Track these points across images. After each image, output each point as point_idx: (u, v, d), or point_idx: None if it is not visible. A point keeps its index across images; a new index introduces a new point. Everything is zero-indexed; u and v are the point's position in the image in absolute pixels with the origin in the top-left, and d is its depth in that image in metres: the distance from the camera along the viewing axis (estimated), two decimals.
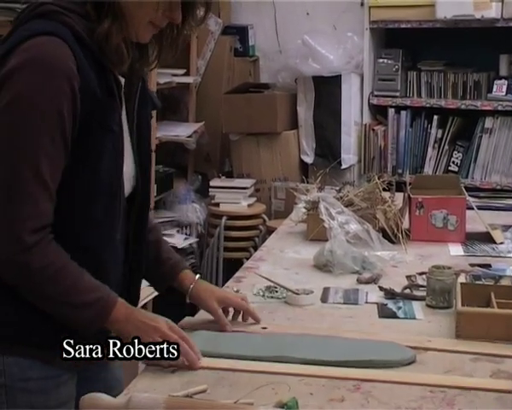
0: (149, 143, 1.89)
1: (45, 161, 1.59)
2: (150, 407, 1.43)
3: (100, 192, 1.70)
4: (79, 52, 1.62)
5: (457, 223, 2.79)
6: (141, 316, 1.73)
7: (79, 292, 1.66)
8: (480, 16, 4.55)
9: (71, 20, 1.63)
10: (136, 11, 1.66)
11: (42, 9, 1.65)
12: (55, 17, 1.63)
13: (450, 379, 1.68)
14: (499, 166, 4.73)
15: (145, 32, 1.71)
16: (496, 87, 4.69)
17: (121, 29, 1.66)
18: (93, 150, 1.67)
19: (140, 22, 1.68)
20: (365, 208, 2.75)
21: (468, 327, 1.88)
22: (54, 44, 1.59)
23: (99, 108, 1.65)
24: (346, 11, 5.10)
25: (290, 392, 1.54)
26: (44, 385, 1.70)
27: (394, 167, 4.92)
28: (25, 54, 1.58)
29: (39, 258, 1.61)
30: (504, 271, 2.41)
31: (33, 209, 1.59)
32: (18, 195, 1.58)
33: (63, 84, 1.59)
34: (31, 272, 1.61)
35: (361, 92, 4.97)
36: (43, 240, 1.61)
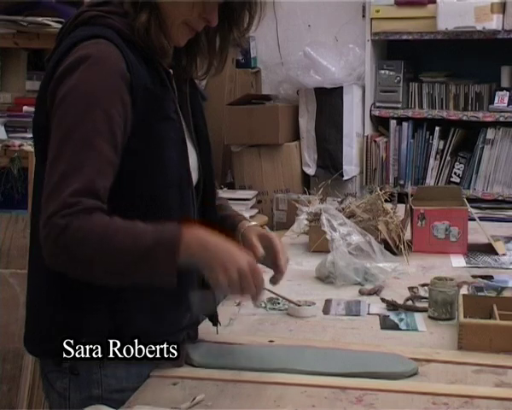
0: (207, 133, 1.90)
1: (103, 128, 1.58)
2: None
3: (173, 182, 1.70)
4: (127, 50, 1.64)
5: (459, 234, 2.79)
6: (219, 242, 1.62)
7: (138, 240, 1.56)
8: (481, 28, 4.56)
9: (113, 21, 1.67)
10: (171, 9, 1.69)
11: (83, 17, 1.69)
12: (97, 21, 1.67)
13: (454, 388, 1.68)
14: (501, 178, 4.73)
15: (180, 32, 1.73)
16: (497, 98, 4.70)
17: (159, 23, 1.68)
18: (157, 140, 1.68)
19: (174, 22, 1.70)
20: (367, 220, 2.75)
21: (470, 339, 1.88)
22: (102, 46, 1.63)
23: (154, 99, 1.67)
24: (348, 23, 5.12)
25: (292, 404, 1.54)
26: None
27: (396, 179, 4.92)
28: (75, 57, 1.61)
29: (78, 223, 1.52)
30: (507, 282, 2.41)
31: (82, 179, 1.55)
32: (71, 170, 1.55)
33: (115, 82, 1.61)
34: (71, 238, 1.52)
35: (363, 104, 4.98)
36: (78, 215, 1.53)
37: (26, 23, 3.66)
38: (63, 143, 1.58)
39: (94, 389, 1.70)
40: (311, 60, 4.88)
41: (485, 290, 2.30)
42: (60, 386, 1.74)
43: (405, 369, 1.76)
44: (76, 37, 1.65)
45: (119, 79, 1.62)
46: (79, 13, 1.72)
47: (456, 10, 4.58)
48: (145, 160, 1.68)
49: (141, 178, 1.69)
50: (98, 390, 1.70)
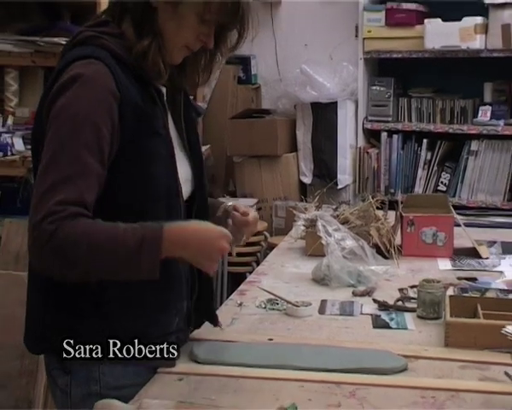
0: (200, 147, 1.90)
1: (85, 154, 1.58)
2: None
3: (160, 195, 1.70)
4: (118, 70, 1.64)
5: (446, 239, 2.79)
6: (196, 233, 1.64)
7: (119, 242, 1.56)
8: (465, 47, 4.57)
9: (107, 42, 1.67)
10: (173, 35, 1.69)
11: (80, 37, 1.70)
12: (92, 42, 1.67)
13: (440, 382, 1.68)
14: (484, 186, 4.73)
15: (179, 54, 1.73)
16: (481, 113, 4.71)
17: (159, 48, 1.68)
18: (146, 154, 1.67)
19: (175, 46, 1.71)
20: (360, 226, 2.75)
21: (456, 337, 1.88)
22: (93, 66, 1.63)
23: (143, 116, 1.67)
24: (342, 42, 5.12)
25: (290, 398, 1.53)
26: (135, 392, 1.64)
27: (387, 187, 4.92)
28: (67, 76, 1.61)
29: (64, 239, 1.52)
30: (490, 284, 2.40)
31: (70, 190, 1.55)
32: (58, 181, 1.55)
33: (104, 100, 1.61)
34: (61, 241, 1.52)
35: (355, 117, 4.98)
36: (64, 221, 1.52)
37: (43, 43, 3.67)
38: (54, 156, 1.58)
39: (93, 386, 1.70)
40: (308, 76, 4.89)
41: (469, 291, 2.30)
42: (62, 383, 1.74)
43: (396, 365, 1.76)
44: (72, 56, 1.66)
45: (108, 96, 1.62)
46: (78, 33, 1.73)
47: (442, 31, 4.59)
48: (134, 173, 1.67)
49: (130, 191, 1.68)
50: (97, 387, 1.69)
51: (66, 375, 1.72)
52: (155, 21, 1.68)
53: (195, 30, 1.69)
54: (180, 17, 1.67)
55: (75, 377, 1.71)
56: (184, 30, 1.69)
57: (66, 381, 1.73)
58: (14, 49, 3.70)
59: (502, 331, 1.68)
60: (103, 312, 1.68)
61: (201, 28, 1.70)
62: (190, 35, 1.70)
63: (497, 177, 4.72)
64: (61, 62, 1.69)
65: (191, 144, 1.85)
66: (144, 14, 1.68)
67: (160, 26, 1.68)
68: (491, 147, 4.73)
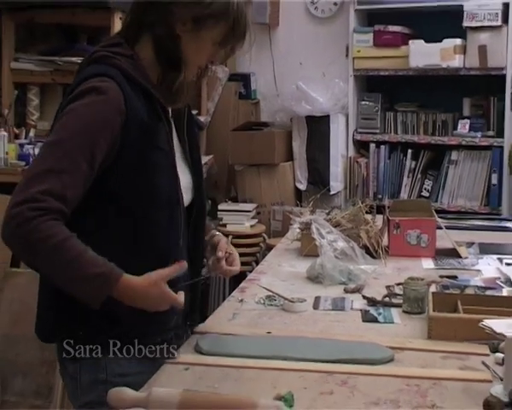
0: (200, 159, 1.89)
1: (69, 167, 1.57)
2: (167, 399, 1.42)
3: (162, 203, 1.70)
4: (127, 87, 1.65)
5: (429, 241, 2.79)
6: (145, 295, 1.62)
7: (82, 265, 1.55)
8: (446, 66, 4.57)
9: (119, 62, 1.67)
10: (192, 58, 1.71)
11: (95, 56, 1.71)
12: (105, 61, 1.68)
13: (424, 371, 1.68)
14: (464, 192, 4.73)
15: (193, 73, 1.75)
16: (460, 125, 4.71)
17: (184, 75, 1.70)
18: (149, 166, 1.68)
19: (192, 66, 1.73)
20: (350, 229, 2.75)
21: (438, 330, 1.88)
22: (104, 83, 1.63)
23: (148, 131, 1.67)
24: (333, 61, 5.12)
25: (287, 386, 1.53)
26: (139, 379, 1.64)
27: (375, 193, 4.91)
28: (80, 91, 1.63)
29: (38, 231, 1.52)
30: (469, 281, 2.40)
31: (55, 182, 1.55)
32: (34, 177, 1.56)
33: (109, 114, 1.62)
34: (30, 244, 1.53)
35: (346, 130, 4.97)
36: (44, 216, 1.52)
37: (62, 62, 3.67)
38: (49, 148, 1.60)
39: (100, 373, 1.70)
40: (303, 92, 4.89)
41: (450, 288, 2.30)
42: (72, 370, 1.75)
43: (383, 356, 1.75)
44: (86, 73, 1.67)
45: (114, 111, 1.62)
46: (93, 52, 1.74)
47: (425, 51, 4.60)
48: (139, 182, 1.68)
49: (134, 198, 1.68)
50: (103, 374, 1.70)
51: (76, 363, 1.72)
52: (179, 48, 1.69)
53: (209, 52, 1.72)
54: (199, 43, 1.70)
55: (84, 365, 1.72)
56: (201, 53, 1.72)
57: (75, 368, 1.73)
58: (35, 68, 3.71)
59: (480, 325, 1.68)
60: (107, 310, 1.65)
61: (214, 50, 1.72)
62: (205, 57, 1.73)
63: (474, 184, 4.71)
64: (76, 78, 1.70)
65: (192, 156, 1.85)
66: (169, 42, 1.69)
67: (183, 51, 1.69)
68: (469, 157, 4.73)
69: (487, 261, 2.71)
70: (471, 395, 1.55)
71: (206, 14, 1.68)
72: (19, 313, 3.03)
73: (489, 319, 1.69)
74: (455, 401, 1.53)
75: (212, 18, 1.68)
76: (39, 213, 1.52)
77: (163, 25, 1.69)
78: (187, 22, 1.68)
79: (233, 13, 1.69)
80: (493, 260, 2.73)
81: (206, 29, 1.69)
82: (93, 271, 1.55)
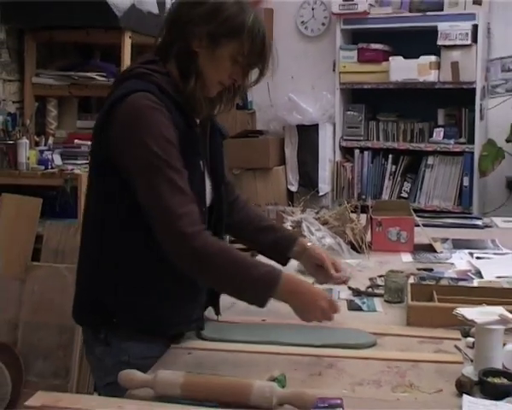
0: (222, 165, 1.84)
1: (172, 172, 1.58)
2: (172, 380, 1.41)
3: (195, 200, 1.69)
4: (166, 101, 1.63)
5: (407, 237, 2.78)
6: (305, 290, 1.65)
7: (248, 267, 1.59)
8: (422, 80, 4.58)
9: (156, 79, 1.65)
10: (211, 74, 1.67)
11: (135, 72, 1.69)
12: (144, 78, 1.65)
13: (403, 354, 1.67)
14: (439, 193, 4.75)
15: (214, 89, 1.71)
16: (435, 133, 4.72)
17: (201, 87, 1.67)
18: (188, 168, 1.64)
19: (212, 83, 1.69)
20: (337, 226, 2.74)
21: (416, 317, 1.87)
22: (146, 97, 1.60)
23: (185, 139, 1.65)
24: (322, 75, 5.12)
25: (279, 368, 1.52)
26: None
27: (359, 194, 4.92)
28: (128, 105, 1.60)
29: (201, 242, 1.56)
30: (443, 273, 2.40)
31: (184, 209, 1.57)
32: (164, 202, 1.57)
33: (160, 118, 1.60)
34: (199, 255, 1.56)
35: (333, 137, 4.98)
36: (200, 230, 1.57)
37: (78, 77, 3.67)
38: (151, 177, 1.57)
39: (123, 356, 1.68)
40: (294, 103, 4.89)
41: (427, 280, 2.29)
42: (98, 352, 1.73)
43: (367, 341, 1.75)
44: (129, 87, 1.63)
45: (167, 120, 1.61)
46: (133, 68, 1.72)
47: (403, 66, 4.61)
48: None
49: None
50: (126, 357, 1.68)
51: (101, 346, 1.71)
52: (197, 63, 1.66)
53: (229, 70, 1.67)
54: (217, 59, 1.65)
55: (109, 348, 1.70)
56: (220, 70, 1.67)
57: (102, 351, 1.72)
58: (54, 83, 3.71)
59: (453, 312, 1.67)
60: (145, 301, 1.68)
61: (234, 68, 1.68)
62: (224, 74, 1.68)
63: (448, 186, 4.72)
64: (117, 89, 1.67)
65: (213, 163, 1.81)
66: (187, 57, 1.66)
67: (201, 67, 1.66)
68: (443, 161, 4.74)
69: (460, 255, 2.70)
70: (445, 375, 1.54)
71: (221, 31, 1.63)
72: (39, 302, 3.03)
73: (461, 307, 1.68)
74: (430, 380, 1.52)
75: (226, 35, 1.64)
76: (199, 229, 1.58)
77: (182, 42, 1.66)
78: (203, 39, 1.64)
79: (247, 31, 1.64)
80: (465, 254, 2.72)
81: (222, 46, 1.64)
82: (259, 270, 1.59)
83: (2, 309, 3.07)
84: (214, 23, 1.64)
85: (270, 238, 1.95)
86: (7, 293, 3.08)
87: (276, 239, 1.95)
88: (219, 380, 1.44)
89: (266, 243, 1.97)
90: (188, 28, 1.65)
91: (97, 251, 1.71)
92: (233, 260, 1.59)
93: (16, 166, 3.31)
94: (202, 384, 1.41)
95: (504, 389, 1.42)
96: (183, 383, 1.40)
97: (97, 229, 1.71)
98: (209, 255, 1.57)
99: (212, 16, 1.64)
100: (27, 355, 3.00)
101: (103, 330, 1.70)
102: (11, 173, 3.30)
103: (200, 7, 1.65)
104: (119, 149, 1.62)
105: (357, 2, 4.71)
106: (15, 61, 3.66)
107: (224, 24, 1.64)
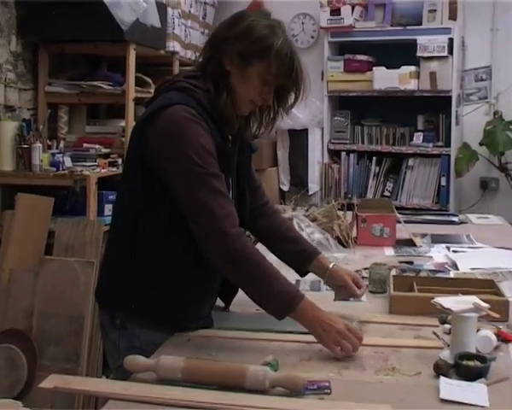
0: (245, 179, 1.83)
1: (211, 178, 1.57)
2: (173, 365, 1.41)
3: None
4: (204, 115, 1.62)
5: (390, 232, 2.79)
6: (325, 317, 1.58)
7: (277, 280, 1.57)
8: (403, 88, 4.58)
9: (197, 94, 1.64)
10: (243, 92, 1.65)
11: (178, 85, 1.67)
12: (186, 91, 1.64)
13: (385, 340, 1.68)
14: (418, 192, 4.75)
15: (246, 107, 1.69)
16: (415, 137, 4.73)
17: (232, 103, 1.65)
18: None
19: (243, 100, 1.67)
20: (325, 223, 2.74)
21: (397, 306, 1.88)
22: (186, 110, 1.59)
23: (221, 152, 1.64)
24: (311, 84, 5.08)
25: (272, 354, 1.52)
26: None
27: (345, 193, 4.91)
28: (168, 116, 1.59)
29: (241, 245, 1.56)
30: (422, 266, 2.40)
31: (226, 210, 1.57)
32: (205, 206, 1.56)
33: (199, 130, 1.59)
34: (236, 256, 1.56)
35: (322, 141, 4.97)
36: (241, 233, 1.58)
37: (87, 86, 3.66)
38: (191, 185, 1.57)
39: (135, 341, 1.68)
40: None
41: (407, 272, 2.30)
42: (113, 336, 1.72)
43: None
44: (170, 99, 1.63)
45: (204, 130, 1.60)
46: (176, 80, 1.70)
47: (386, 76, 4.61)
48: None
49: None
50: (138, 342, 1.67)
51: (116, 330, 1.71)
52: (228, 81, 1.65)
53: (259, 89, 1.66)
54: (247, 78, 1.64)
55: (123, 333, 1.70)
56: (250, 89, 1.65)
57: (116, 335, 1.71)
58: (65, 91, 3.70)
59: (431, 302, 1.68)
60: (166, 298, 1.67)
61: (263, 88, 1.66)
62: (255, 93, 1.66)
63: (427, 185, 4.73)
64: (159, 99, 1.66)
65: (239, 175, 1.80)
66: (220, 75, 1.65)
67: (233, 85, 1.65)
68: (423, 163, 4.74)
69: (437, 249, 2.71)
70: (424, 359, 1.54)
71: (251, 50, 1.62)
72: (51, 293, 3.02)
73: (439, 296, 1.68)
74: (410, 364, 1.52)
75: (256, 55, 1.62)
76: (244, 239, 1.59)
77: (216, 60, 1.66)
78: (234, 58, 1.63)
79: (275, 52, 1.62)
80: (442, 248, 2.73)
81: (252, 65, 1.63)
82: (286, 287, 1.59)
83: (18, 299, 3.07)
84: (245, 43, 1.62)
85: (291, 249, 1.92)
86: (22, 284, 3.07)
87: (297, 251, 1.91)
88: (217, 365, 1.44)
89: (288, 253, 1.93)
90: (222, 47, 1.65)
91: (131, 246, 1.68)
92: (264, 269, 1.58)
93: (30, 168, 3.30)
94: (201, 369, 1.41)
95: (477, 370, 1.43)
96: (183, 367, 1.40)
97: (133, 229, 1.68)
98: (245, 259, 1.56)
99: (244, 36, 1.63)
100: (41, 341, 2.99)
101: (119, 316, 1.70)
102: (26, 175, 3.30)
103: (235, 27, 1.64)
104: (155, 156, 1.60)
105: (344, 17, 4.71)
106: (30, 71, 3.66)
107: (253, 44, 1.62)
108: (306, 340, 1.65)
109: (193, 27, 4.56)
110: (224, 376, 1.39)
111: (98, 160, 3.49)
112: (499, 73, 4.79)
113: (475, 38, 4.81)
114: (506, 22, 4.74)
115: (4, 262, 3.11)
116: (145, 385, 1.39)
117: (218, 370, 1.41)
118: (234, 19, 1.68)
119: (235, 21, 1.66)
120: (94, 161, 3.49)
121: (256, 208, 1.91)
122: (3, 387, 2.90)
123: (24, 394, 2.88)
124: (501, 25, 4.77)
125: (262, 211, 1.94)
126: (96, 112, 4.11)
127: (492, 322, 1.68)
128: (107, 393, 1.36)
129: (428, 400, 1.34)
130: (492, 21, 4.77)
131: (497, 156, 4.66)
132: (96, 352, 3.04)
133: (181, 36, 4.32)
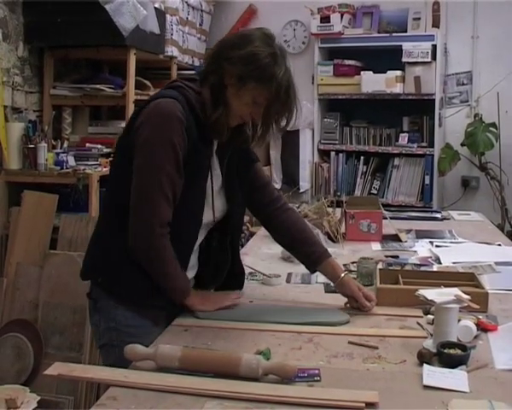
0: (236, 183, 1.84)
1: (166, 180, 1.61)
2: (171, 353, 1.41)
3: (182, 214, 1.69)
4: (188, 112, 1.65)
5: (377, 228, 2.79)
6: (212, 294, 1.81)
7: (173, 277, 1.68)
8: (389, 91, 4.58)
9: (187, 92, 1.68)
10: (235, 107, 1.66)
11: (173, 84, 1.73)
12: (178, 89, 1.69)
13: (372, 330, 1.67)
14: (404, 190, 4.75)
15: (234, 121, 1.70)
16: (401, 138, 4.73)
17: (226, 115, 1.67)
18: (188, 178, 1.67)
19: (234, 115, 1.68)
20: (316, 219, 2.74)
21: (384, 298, 1.87)
22: (171, 103, 1.63)
23: (194, 150, 1.66)
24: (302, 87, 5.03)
25: (265, 343, 1.52)
26: (140, 332, 1.66)
27: (335, 191, 4.91)
28: (152, 108, 1.64)
29: (162, 243, 1.64)
30: (407, 260, 2.40)
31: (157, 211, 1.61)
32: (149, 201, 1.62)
33: (176, 125, 1.61)
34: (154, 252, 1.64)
35: (312, 141, 4.97)
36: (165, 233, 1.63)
37: (89, 89, 3.65)
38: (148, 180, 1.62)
39: (111, 322, 1.70)
40: None
41: (393, 265, 2.30)
42: (95, 319, 1.76)
43: (341, 319, 1.75)
44: (161, 93, 1.69)
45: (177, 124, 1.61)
46: (174, 80, 1.76)
47: (373, 80, 4.61)
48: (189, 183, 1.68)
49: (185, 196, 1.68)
50: (114, 323, 1.70)
51: (97, 314, 1.74)
52: (225, 95, 1.66)
53: (249, 107, 1.67)
54: (240, 96, 1.65)
55: (102, 316, 1.72)
56: (242, 106, 1.66)
57: (97, 318, 1.75)
58: (68, 94, 3.69)
59: (415, 294, 1.68)
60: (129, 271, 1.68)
61: (254, 108, 1.67)
62: (245, 110, 1.67)
63: (412, 184, 4.73)
64: (155, 94, 1.72)
65: (227, 180, 1.81)
66: (219, 88, 1.66)
67: (228, 98, 1.66)
68: (408, 163, 4.75)
69: (421, 244, 2.71)
70: (408, 348, 1.54)
71: (251, 75, 1.63)
72: (55, 286, 3.02)
73: (422, 289, 1.68)
74: (396, 352, 1.52)
75: (254, 81, 1.63)
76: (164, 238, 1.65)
77: (217, 75, 1.67)
78: (233, 77, 1.64)
79: (275, 84, 1.63)
80: (426, 243, 2.73)
81: (248, 88, 1.63)
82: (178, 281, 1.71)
83: (25, 291, 3.06)
84: (247, 68, 1.63)
85: (301, 251, 1.92)
86: (28, 277, 3.07)
87: (307, 253, 1.91)
88: (212, 354, 1.44)
89: (298, 253, 1.96)
90: (224, 65, 1.65)
91: (107, 225, 1.74)
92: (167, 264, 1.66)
93: (36, 167, 3.30)
94: (197, 358, 1.41)
95: (458, 358, 1.44)
96: (180, 356, 1.40)
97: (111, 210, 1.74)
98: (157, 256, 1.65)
99: (246, 62, 1.63)
100: (46, 331, 2.98)
101: (99, 301, 1.73)
102: (32, 173, 3.29)
103: (239, 50, 1.64)
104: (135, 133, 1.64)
105: (333, 24, 4.71)
106: (36, 75, 3.65)
107: (255, 71, 1.63)
108: (297, 330, 1.65)
109: (190, 33, 4.57)
110: (219, 364, 1.38)
111: (100, 159, 3.49)
112: (479, 77, 4.80)
113: (457, 44, 4.82)
114: (486, 30, 4.75)
115: (11, 256, 3.11)
116: (144, 373, 1.39)
117: (213, 359, 1.40)
118: (240, 39, 1.68)
119: (240, 43, 1.66)
120: (96, 160, 3.48)
121: (268, 205, 1.93)
122: (11, 374, 2.90)
123: (30, 380, 2.88)
124: (481, 32, 4.78)
125: (275, 208, 1.93)
126: (98, 113, 4.10)
127: (473, 313, 1.68)
128: (108, 380, 1.36)
129: (413, 386, 1.34)
130: (473, 29, 4.79)
131: (477, 156, 4.68)
132: None
133: (179, 41, 4.32)
